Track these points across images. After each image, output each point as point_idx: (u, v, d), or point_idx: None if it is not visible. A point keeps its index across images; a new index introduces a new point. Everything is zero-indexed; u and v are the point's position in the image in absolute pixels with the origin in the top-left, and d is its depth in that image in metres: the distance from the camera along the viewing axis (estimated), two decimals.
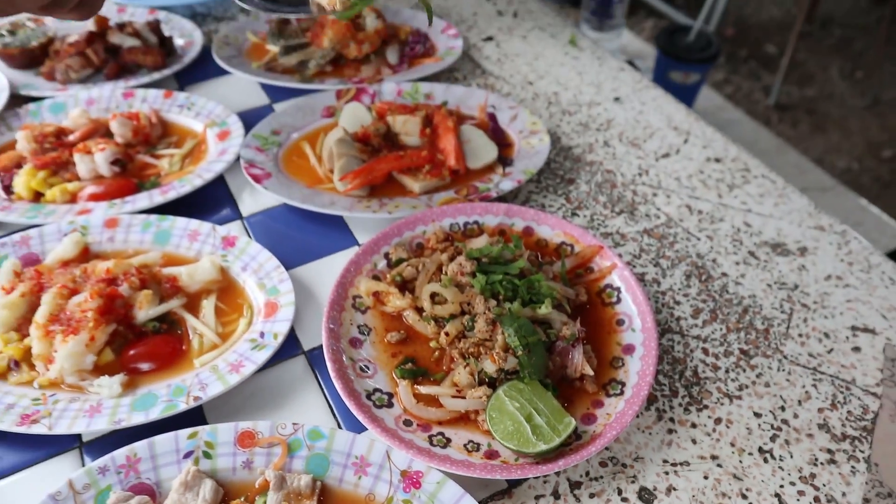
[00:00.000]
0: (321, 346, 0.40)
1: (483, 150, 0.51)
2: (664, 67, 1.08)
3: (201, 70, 0.63)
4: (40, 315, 0.40)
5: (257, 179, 0.49)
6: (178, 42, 0.66)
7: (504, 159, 0.52)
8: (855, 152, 2.07)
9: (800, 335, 0.43)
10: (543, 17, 0.71)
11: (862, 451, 0.38)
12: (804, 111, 2.20)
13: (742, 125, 1.21)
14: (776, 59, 2.37)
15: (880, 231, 1.07)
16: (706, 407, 0.39)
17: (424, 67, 0.60)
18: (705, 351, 0.42)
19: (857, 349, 0.43)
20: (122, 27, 0.63)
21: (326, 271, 0.45)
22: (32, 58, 0.64)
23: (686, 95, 1.13)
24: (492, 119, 0.54)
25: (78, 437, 0.37)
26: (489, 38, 0.68)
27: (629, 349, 0.40)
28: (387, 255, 0.44)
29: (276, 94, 0.60)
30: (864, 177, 1.99)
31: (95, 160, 0.51)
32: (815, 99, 2.25)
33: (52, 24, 0.66)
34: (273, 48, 0.63)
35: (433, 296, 0.40)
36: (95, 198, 0.50)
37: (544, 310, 0.39)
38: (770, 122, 2.12)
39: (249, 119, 0.57)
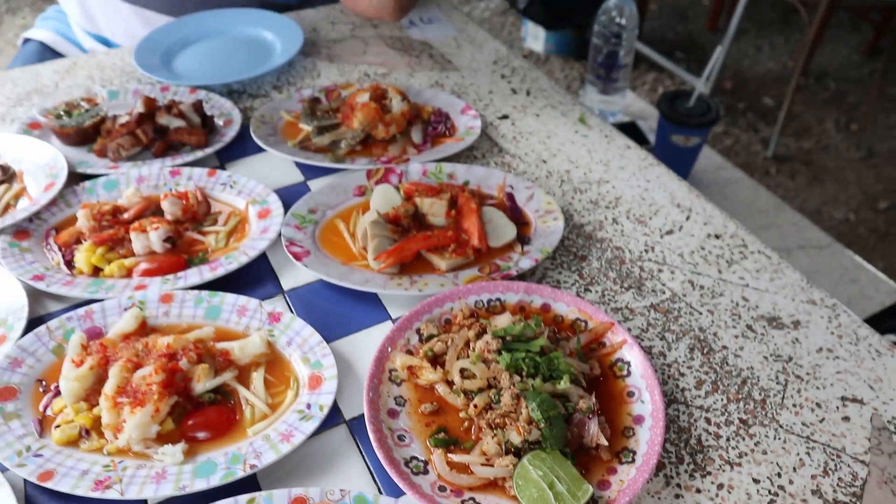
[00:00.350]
0: (361, 416, 0.45)
1: (503, 230, 0.56)
2: (666, 131, 1.14)
3: (240, 147, 0.68)
4: (109, 388, 0.44)
5: (298, 257, 0.54)
6: (218, 121, 0.71)
7: (522, 237, 0.57)
8: (852, 203, 2.13)
9: (794, 405, 0.48)
10: (554, 95, 0.77)
11: None
12: (802, 163, 2.26)
13: (741, 184, 1.26)
14: (773, 112, 2.45)
15: (875, 287, 1.11)
16: (709, 473, 0.43)
17: (446, 147, 0.66)
18: (708, 420, 0.46)
19: (846, 419, 0.47)
20: (168, 108, 0.68)
21: (363, 345, 0.50)
22: (86, 136, 0.70)
23: (688, 157, 1.18)
24: (510, 199, 0.59)
25: (145, 501, 0.41)
26: (505, 117, 0.73)
27: (639, 419, 0.44)
28: (418, 331, 0.49)
29: (310, 172, 0.65)
30: (861, 227, 2.04)
31: (150, 238, 0.56)
32: (811, 151, 2.32)
33: (106, 107, 0.71)
34: (306, 127, 0.68)
35: (462, 371, 0.45)
36: (149, 273, 0.55)
37: (563, 385, 0.43)
38: (769, 174, 2.18)
39: (286, 195, 0.62)
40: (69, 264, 0.57)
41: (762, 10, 3.03)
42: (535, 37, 2.57)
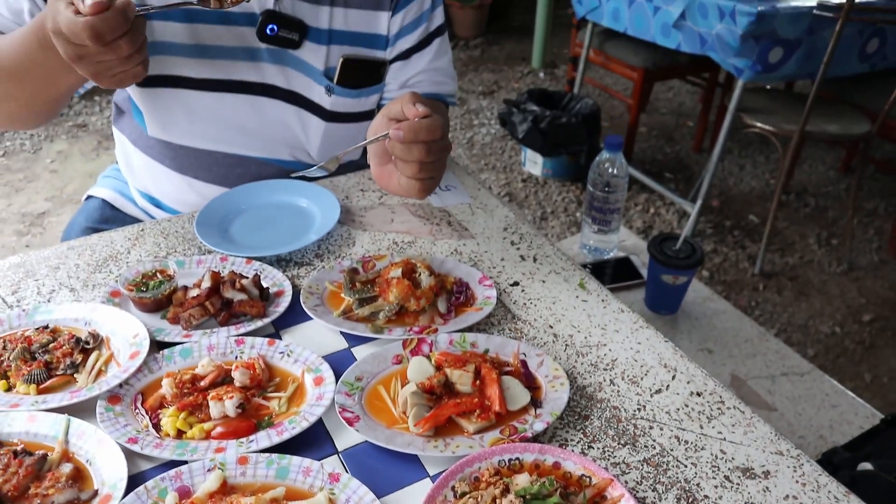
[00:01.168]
0: None
1: (519, 396, 0.67)
2: (656, 271, 1.27)
3: (292, 316, 0.81)
4: None
5: (350, 422, 0.65)
6: (272, 289, 0.84)
7: (535, 400, 0.68)
8: (837, 317, 2.25)
9: None
10: (558, 261, 0.91)
11: None
12: (788, 278, 2.40)
13: (728, 314, 1.39)
14: (759, 228, 2.60)
15: (854, 412, 1.21)
16: None
17: (468, 316, 0.78)
18: None
19: None
20: (232, 283, 0.81)
21: (409, 501, 0.60)
22: (159, 304, 0.82)
23: (677, 293, 1.31)
24: (524, 366, 0.71)
25: None
26: (516, 283, 0.86)
27: None
28: (453, 488, 0.60)
29: (353, 340, 0.77)
30: (847, 340, 2.15)
31: (225, 405, 0.67)
32: (796, 266, 2.46)
33: (177, 278, 0.84)
34: (348, 299, 0.81)
35: None
36: (225, 436, 0.66)
37: None
38: (757, 290, 2.31)
39: (333, 361, 0.74)
40: (156, 427, 0.68)
41: (743, 130, 3.25)
42: (534, 162, 2.77)
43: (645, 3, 2.35)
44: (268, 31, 0.94)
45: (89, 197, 1.25)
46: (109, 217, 1.17)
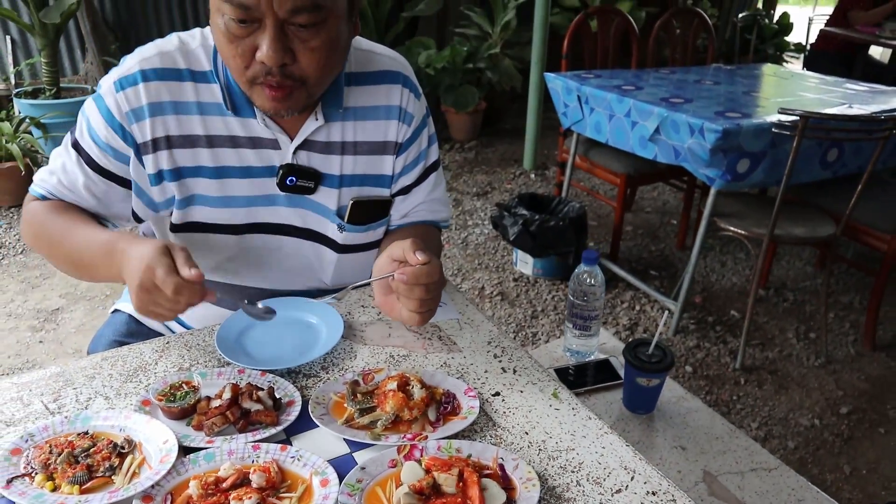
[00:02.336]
0: None
1: (496, 497, 0.79)
2: (631, 375, 1.39)
3: (301, 423, 0.93)
4: None
5: None
6: (283, 399, 0.96)
7: (510, 500, 0.79)
8: (816, 410, 2.35)
9: None
10: (535, 372, 1.03)
11: None
12: (768, 372, 2.51)
13: (701, 412, 1.50)
14: (740, 324, 2.73)
15: None
16: None
17: (454, 424, 0.90)
18: None
19: None
20: (250, 395, 0.94)
21: None
22: (185, 413, 0.94)
23: (651, 394, 1.43)
24: (501, 469, 0.83)
25: None
26: (497, 394, 0.99)
27: None
28: None
29: (354, 445, 0.89)
30: (826, 433, 2.24)
31: None
32: (776, 360, 2.58)
33: (201, 389, 0.97)
34: (350, 409, 0.93)
35: None
36: None
37: None
38: (739, 384, 2.42)
39: (336, 464, 0.85)
40: None
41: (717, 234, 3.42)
42: (525, 262, 2.93)
43: (623, 119, 2.57)
44: (287, 182, 1.10)
45: (115, 311, 1.38)
46: (135, 331, 1.30)
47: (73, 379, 1.04)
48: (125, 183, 1.08)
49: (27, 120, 3.82)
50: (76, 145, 1.07)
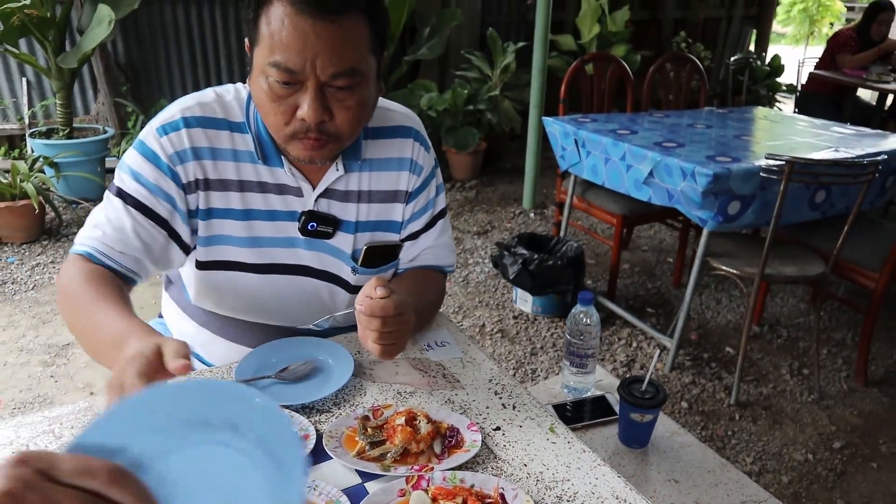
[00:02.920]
0: None
1: None
2: (626, 410, 1.46)
3: (316, 455, 1.00)
4: None
5: None
6: (300, 434, 1.04)
7: None
8: (809, 445, 2.40)
9: None
10: (533, 408, 1.11)
11: None
12: (762, 407, 2.57)
13: (693, 447, 1.56)
14: (735, 360, 2.80)
15: None
16: None
17: (458, 457, 0.97)
18: None
19: None
20: None
21: None
22: None
23: (645, 428, 1.49)
24: (502, 498, 0.90)
25: None
26: (498, 428, 1.06)
27: None
28: None
29: (365, 476, 0.96)
30: (819, 467, 2.29)
31: None
32: (770, 396, 2.64)
33: None
34: (361, 442, 1.00)
35: None
36: None
37: None
38: (734, 419, 2.48)
39: (349, 494, 0.92)
40: None
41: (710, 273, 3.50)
42: (524, 300, 3.01)
43: (619, 162, 2.67)
44: (308, 227, 1.20)
45: None
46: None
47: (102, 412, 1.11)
48: (167, 227, 1.14)
49: (41, 159, 3.93)
50: (120, 193, 1.12)
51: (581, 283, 2.93)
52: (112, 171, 4.68)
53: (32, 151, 4.24)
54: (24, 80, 4.67)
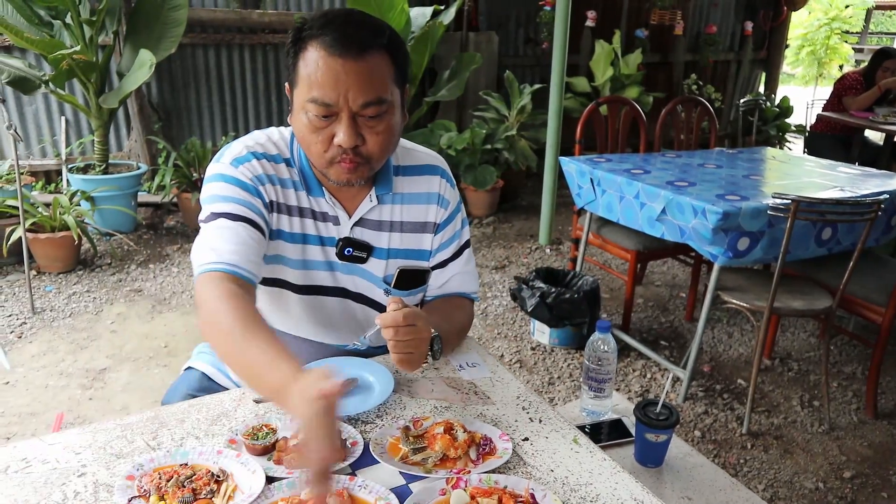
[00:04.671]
0: None
1: None
2: (641, 431, 1.57)
3: (363, 460, 1.11)
4: None
5: None
6: (348, 441, 1.15)
7: None
8: (820, 474, 2.48)
9: None
10: (557, 422, 1.22)
11: None
12: (773, 437, 2.65)
13: (705, 467, 1.66)
14: (747, 392, 2.88)
15: None
16: None
17: (492, 462, 1.09)
18: None
19: None
20: None
21: None
22: (266, 450, 1.13)
23: (660, 449, 1.60)
24: (532, 498, 1.01)
25: None
26: (526, 439, 1.17)
27: None
28: None
29: (409, 478, 1.08)
30: (830, 496, 2.37)
31: None
32: (781, 426, 2.71)
33: (280, 430, 1.16)
34: (404, 448, 1.12)
35: None
36: None
37: None
38: (745, 448, 2.56)
39: (395, 493, 1.03)
40: None
41: (721, 306, 3.59)
42: (542, 332, 3.12)
43: (633, 200, 2.80)
44: (345, 252, 1.34)
45: (189, 368, 1.58)
46: (206, 387, 1.49)
47: (166, 422, 1.24)
48: (262, 233, 1.26)
49: (78, 193, 4.12)
50: (221, 216, 1.22)
51: (597, 316, 3.04)
52: (144, 205, 4.88)
53: (69, 185, 4.44)
54: (62, 118, 4.90)
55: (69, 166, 4.59)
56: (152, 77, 4.24)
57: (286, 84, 1.22)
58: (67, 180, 4.55)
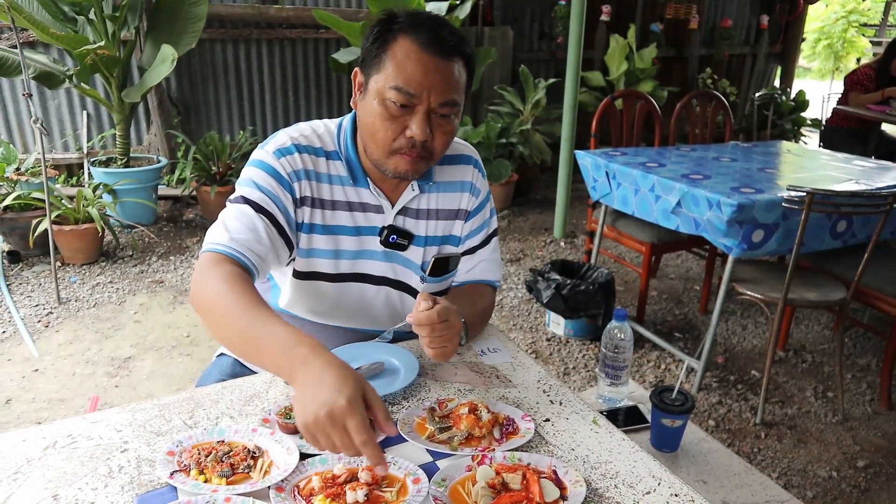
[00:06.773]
0: None
1: (552, 492, 1.01)
2: (657, 416, 1.61)
3: (392, 440, 1.16)
4: None
5: None
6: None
7: (563, 496, 1.02)
8: (833, 463, 2.51)
9: None
10: (577, 404, 1.26)
11: None
12: (787, 427, 2.68)
13: (719, 452, 1.70)
14: (760, 383, 2.91)
15: None
16: None
17: (515, 441, 1.14)
18: None
19: None
20: None
21: None
22: (298, 428, 1.19)
23: (675, 434, 1.64)
24: (555, 473, 1.05)
25: None
26: (547, 420, 1.22)
27: None
28: None
29: (437, 455, 1.12)
30: (844, 484, 2.40)
31: (357, 494, 1.02)
32: (795, 416, 2.74)
33: None
34: (431, 428, 1.17)
35: None
36: None
37: None
38: (759, 438, 2.60)
39: (423, 468, 1.08)
40: None
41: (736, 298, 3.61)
42: (557, 323, 3.16)
43: (648, 193, 2.84)
44: (390, 240, 1.39)
45: (221, 355, 1.63)
46: (238, 373, 1.55)
47: (201, 402, 1.29)
48: (283, 235, 1.32)
49: (101, 186, 4.20)
50: (247, 201, 1.28)
51: (611, 308, 3.07)
52: (163, 198, 4.95)
53: (91, 178, 4.52)
54: (84, 113, 4.99)
55: (91, 160, 4.67)
56: (172, 72, 4.31)
57: (355, 70, 1.27)
58: (90, 173, 4.63)
